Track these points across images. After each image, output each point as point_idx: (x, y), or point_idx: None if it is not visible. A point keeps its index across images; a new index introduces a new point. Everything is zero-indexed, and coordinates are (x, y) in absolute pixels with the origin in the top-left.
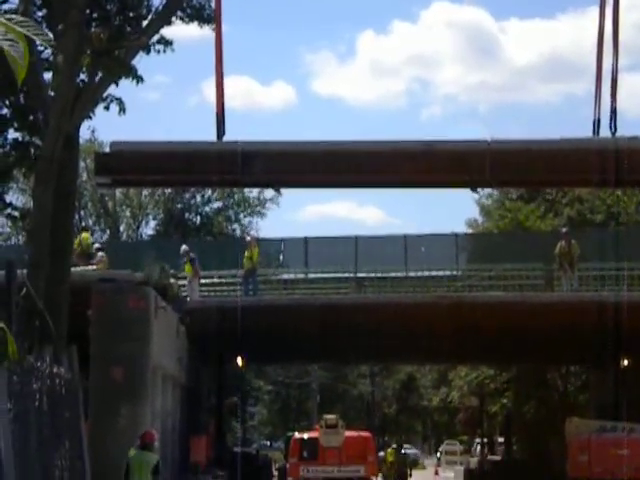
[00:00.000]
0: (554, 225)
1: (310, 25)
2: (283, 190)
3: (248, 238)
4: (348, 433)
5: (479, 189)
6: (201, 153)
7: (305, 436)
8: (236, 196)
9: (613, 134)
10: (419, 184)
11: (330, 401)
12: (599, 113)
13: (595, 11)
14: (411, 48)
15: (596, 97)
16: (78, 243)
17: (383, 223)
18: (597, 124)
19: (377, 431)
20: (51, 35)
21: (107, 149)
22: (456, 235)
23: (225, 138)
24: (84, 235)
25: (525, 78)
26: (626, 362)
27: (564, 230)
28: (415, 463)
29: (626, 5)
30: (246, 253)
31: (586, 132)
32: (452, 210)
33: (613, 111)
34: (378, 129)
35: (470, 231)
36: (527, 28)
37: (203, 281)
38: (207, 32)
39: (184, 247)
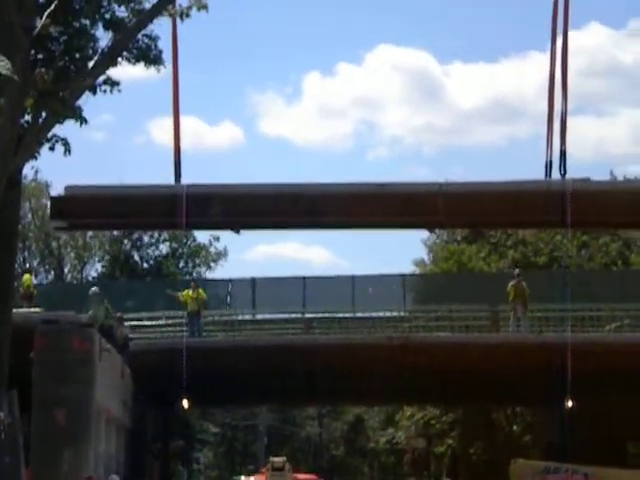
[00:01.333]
0: (498, 267)
1: (256, 66)
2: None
3: (194, 279)
4: (295, 476)
5: (436, 230)
6: (157, 196)
7: (252, 479)
8: (190, 245)
9: (563, 176)
10: (373, 226)
11: (277, 443)
12: (551, 155)
13: (536, 56)
14: (357, 90)
15: (548, 140)
16: (22, 284)
17: (330, 263)
18: (549, 166)
19: (324, 473)
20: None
21: (60, 192)
22: (403, 276)
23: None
24: (26, 276)
25: (469, 121)
26: (570, 403)
27: (517, 271)
28: None
29: (572, 50)
30: (190, 294)
31: (530, 173)
32: (400, 250)
33: (563, 153)
34: (326, 170)
35: (417, 271)
36: (471, 72)
37: (149, 323)
38: (152, 72)
39: (94, 289)
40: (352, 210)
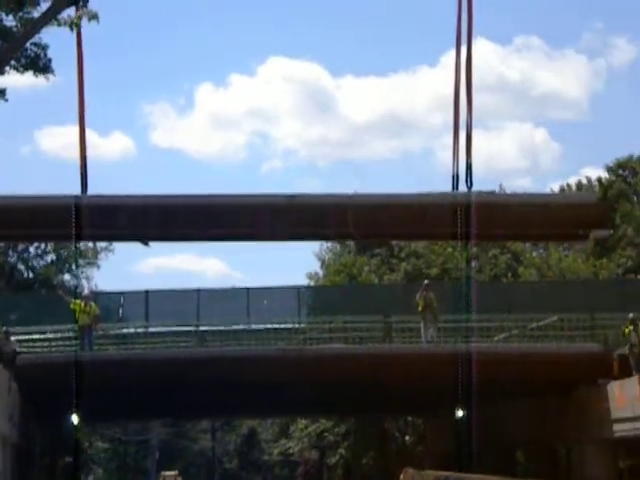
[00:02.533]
0: (391, 279)
1: (147, 76)
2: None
3: (85, 292)
4: None
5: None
6: (62, 207)
7: None
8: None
9: (469, 188)
10: (282, 238)
11: (170, 458)
12: (457, 169)
13: (425, 71)
14: (250, 101)
15: (454, 153)
16: None
17: (224, 275)
18: (456, 179)
19: None
20: None
21: None
22: (297, 288)
23: (71, 190)
24: None
25: (362, 134)
26: (460, 413)
27: (426, 282)
28: None
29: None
30: (82, 306)
31: (422, 186)
32: (294, 263)
33: (469, 166)
34: (220, 182)
35: (311, 284)
36: (362, 85)
37: (37, 336)
38: (39, 80)
39: None
40: (262, 221)
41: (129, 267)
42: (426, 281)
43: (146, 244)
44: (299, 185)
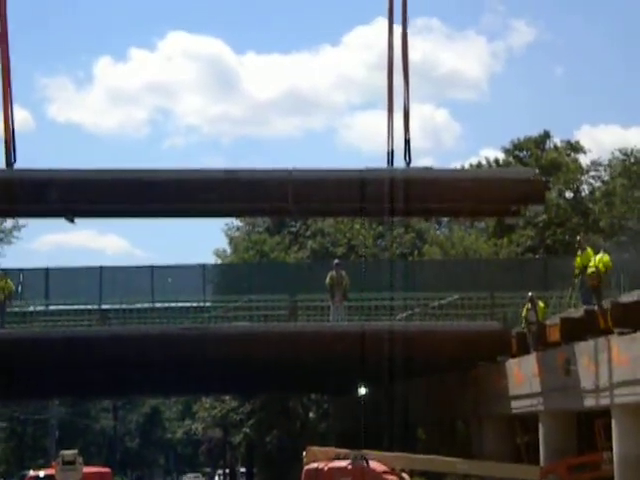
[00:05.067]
0: (298, 257)
1: (45, 48)
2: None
3: None
4: (86, 469)
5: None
6: None
7: (41, 474)
8: None
9: (408, 164)
10: (220, 213)
11: (70, 437)
12: (392, 145)
13: (328, 50)
14: (150, 76)
15: (389, 129)
16: None
17: (125, 253)
18: (391, 155)
19: (118, 466)
20: None
21: None
22: (203, 266)
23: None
24: None
25: (266, 111)
26: (363, 390)
27: (336, 261)
28: None
29: (361, 44)
30: None
31: (326, 164)
32: (201, 240)
33: (407, 142)
34: (119, 157)
35: (219, 261)
36: (265, 63)
37: None
38: None
39: None
40: (198, 197)
41: (25, 244)
42: (336, 260)
43: (71, 221)
44: (201, 162)
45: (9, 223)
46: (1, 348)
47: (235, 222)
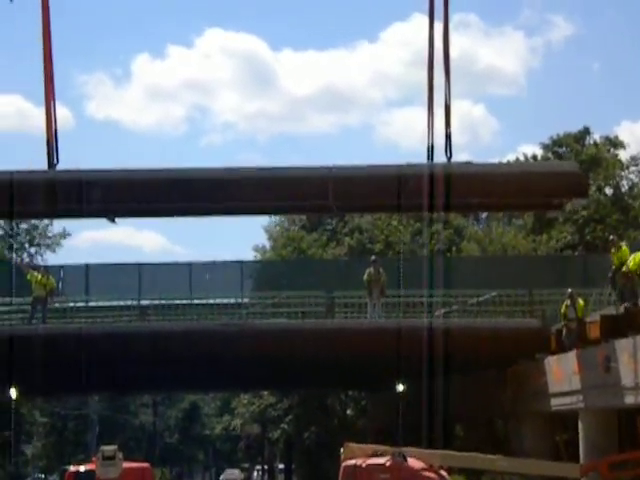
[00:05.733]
0: (335, 254)
1: (83, 45)
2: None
3: (41, 263)
4: (126, 464)
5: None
6: (34, 183)
7: (81, 468)
8: (24, 225)
9: (449, 159)
10: (261, 211)
11: (110, 432)
12: (432, 140)
13: (365, 46)
14: (188, 73)
15: (429, 124)
16: None
17: (163, 249)
18: (431, 150)
19: (158, 461)
20: None
21: None
22: (241, 262)
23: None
24: None
25: (302, 108)
26: (401, 387)
27: (373, 258)
28: None
29: (398, 41)
30: (39, 278)
31: (363, 160)
32: (240, 236)
33: (448, 136)
34: (157, 154)
35: (258, 257)
36: (302, 59)
37: None
38: None
39: None
40: (239, 195)
41: (65, 240)
42: (373, 257)
43: (112, 221)
44: (238, 159)
45: (56, 228)
46: (43, 344)
47: (275, 218)
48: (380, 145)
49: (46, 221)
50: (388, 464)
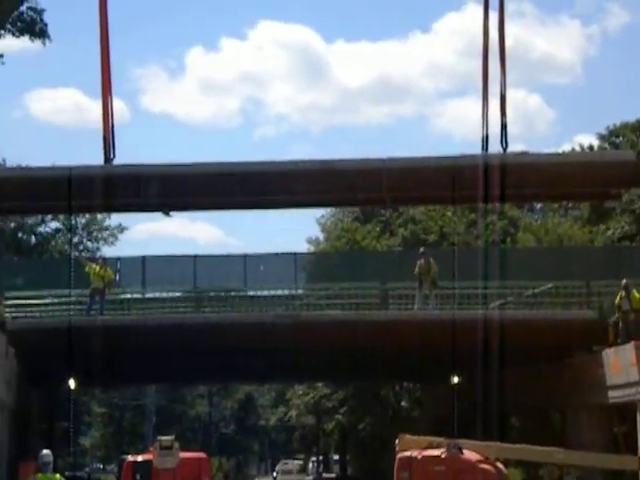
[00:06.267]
0: (389, 245)
1: (137, 39)
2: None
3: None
4: (183, 454)
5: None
6: (89, 177)
7: (139, 458)
8: (83, 219)
9: (504, 149)
10: (317, 204)
11: (166, 423)
12: (487, 130)
13: (418, 37)
14: (242, 66)
15: (483, 114)
16: None
17: (216, 241)
18: (485, 140)
19: (214, 452)
20: None
21: None
22: (295, 254)
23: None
24: None
25: (355, 99)
26: (456, 379)
27: (422, 250)
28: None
29: (451, 31)
30: (97, 270)
31: (417, 151)
32: (293, 228)
33: (503, 127)
34: (212, 147)
35: (311, 249)
36: (354, 50)
37: (35, 301)
38: (28, 44)
39: None
40: (293, 188)
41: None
42: (422, 249)
43: (167, 214)
44: (291, 151)
45: (114, 221)
46: (100, 335)
47: (328, 210)
48: (434, 136)
49: (103, 214)
50: (443, 456)
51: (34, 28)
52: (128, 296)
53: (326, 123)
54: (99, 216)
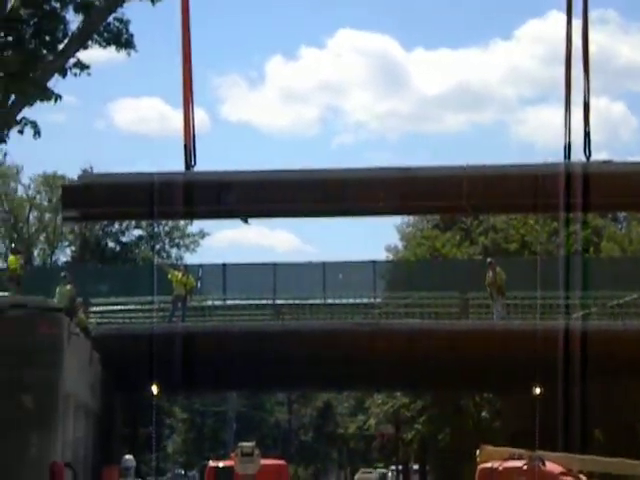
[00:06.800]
0: (469, 253)
1: (217, 48)
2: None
3: (181, 263)
4: (264, 461)
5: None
6: (171, 184)
7: (220, 464)
8: (165, 227)
9: (588, 158)
10: (397, 212)
11: (246, 429)
12: (569, 137)
13: (499, 44)
14: (321, 75)
15: (566, 121)
16: (7, 267)
17: (295, 249)
18: (568, 148)
19: (293, 459)
20: None
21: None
22: (374, 262)
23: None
24: (11, 258)
25: (434, 107)
26: (538, 390)
27: (489, 260)
28: None
29: (533, 37)
30: (179, 277)
31: (496, 159)
32: (371, 236)
33: (587, 135)
34: (291, 156)
35: (390, 257)
36: (433, 58)
37: (118, 308)
38: (113, 54)
39: (62, 274)
40: (372, 196)
41: (202, 240)
42: (488, 259)
43: (246, 221)
44: (369, 158)
45: (194, 229)
46: (182, 341)
47: (407, 218)
48: (515, 144)
49: (184, 222)
50: (525, 467)
51: (120, 39)
52: (209, 303)
53: (404, 131)
54: (181, 223)
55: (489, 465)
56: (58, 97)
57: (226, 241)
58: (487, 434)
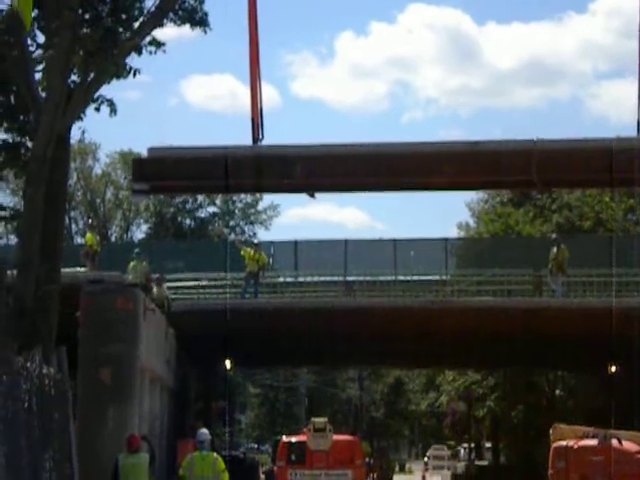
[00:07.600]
0: (543, 231)
1: (288, 26)
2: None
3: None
4: (336, 437)
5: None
6: (240, 158)
7: (293, 439)
8: (239, 203)
9: None
10: (463, 187)
11: (318, 405)
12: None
13: (573, 17)
14: (391, 50)
15: (639, 97)
16: (84, 243)
17: (365, 226)
18: None
19: (365, 435)
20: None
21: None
22: (446, 240)
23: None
24: (88, 236)
25: (506, 82)
26: (614, 368)
27: (553, 236)
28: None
29: (608, 10)
30: (252, 254)
31: (570, 135)
32: (442, 213)
33: None
34: (361, 132)
35: (461, 234)
36: (505, 32)
37: (192, 283)
38: (186, 32)
39: (136, 250)
40: (440, 170)
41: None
42: (554, 235)
43: (312, 196)
44: (439, 135)
45: (266, 203)
46: (255, 317)
47: (479, 195)
48: (589, 119)
49: (256, 196)
50: (600, 446)
51: (194, 17)
52: (281, 280)
53: (476, 106)
54: (254, 198)
55: (563, 443)
56: (137, 71)
57: (297, 218)
58: (561, 412)
